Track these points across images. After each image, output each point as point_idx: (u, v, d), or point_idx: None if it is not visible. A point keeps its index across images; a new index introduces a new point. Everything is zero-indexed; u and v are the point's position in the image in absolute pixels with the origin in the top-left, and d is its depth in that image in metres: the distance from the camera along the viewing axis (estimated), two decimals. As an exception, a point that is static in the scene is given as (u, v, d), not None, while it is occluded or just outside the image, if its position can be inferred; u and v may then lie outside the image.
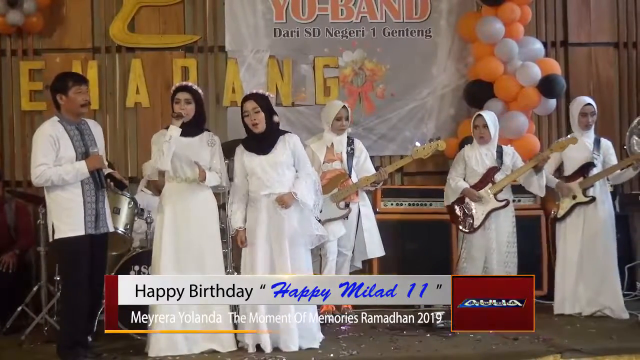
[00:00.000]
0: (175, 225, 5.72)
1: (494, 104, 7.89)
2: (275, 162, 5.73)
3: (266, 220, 5.70)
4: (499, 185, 6.76)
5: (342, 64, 8.31)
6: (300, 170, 5.82)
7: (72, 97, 5.51)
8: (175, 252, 5.68)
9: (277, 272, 5.60)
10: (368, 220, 6.83)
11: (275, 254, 5.65)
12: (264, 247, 5.67)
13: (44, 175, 5.41)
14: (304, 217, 5.72)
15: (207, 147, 5.84)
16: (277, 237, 5.68)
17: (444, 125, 8.36)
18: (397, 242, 7.33)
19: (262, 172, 5.72)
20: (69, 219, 5.47)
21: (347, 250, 6.78)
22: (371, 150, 7.64)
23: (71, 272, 5.50)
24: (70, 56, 8.06)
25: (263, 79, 8.21)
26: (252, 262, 5.66)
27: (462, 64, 8.40)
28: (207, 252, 5.74)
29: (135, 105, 8.14)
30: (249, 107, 5.75)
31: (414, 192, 7.67)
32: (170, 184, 5.82)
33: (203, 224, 5.77)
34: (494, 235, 6.74)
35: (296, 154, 5.82)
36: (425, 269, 7.14)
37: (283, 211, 5.65)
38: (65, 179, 5.44)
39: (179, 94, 5.81)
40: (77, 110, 5.54)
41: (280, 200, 5.65)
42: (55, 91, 5.56)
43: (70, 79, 5.58)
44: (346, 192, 6.67)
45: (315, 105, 8.17)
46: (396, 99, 8.34)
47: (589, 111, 6.89)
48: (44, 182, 5.44)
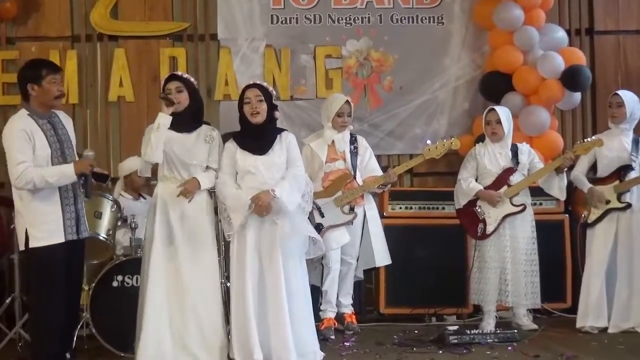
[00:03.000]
0: (168, 230, 5.70)
1: (513, 97, 7.89)
2: (271, 164, 5.70)
3: (257, 225, 5.66)
4: (516, 187, 6.72)
5: (345, 53, 8.31)
6: (288, 169, 5.76)
7: (46, 87, 5.37)
8: (166, 260, 5.66)
9: (267, 284, 5.57)
10: (375, 225, 6.81)
11: (265, 263, 5.62)
12: (253, 257, 5.62)
13: (25, 176, 5.23)
14: (294, 220, 5.69)
15: (204, 144, 5.79)
16: (268, 245, 5.64)
17: (457, 121, 8.36)
18: (405, 249, 7.28)
19: (256, 174, 5.68)
20: (45, 225, 5.33)
21: (352, 258, 6.77)
22: (377, 148, 7.64)
23: (47, 285, 5.33)
24: (47, 45, 8.05)
25: (259, 70, 8.22)
26: (241, 272, 5.62)
27: (477, 54, 8.40)
28: (201, 261, 5.72)
29: (119, 99, 8.13)
30: (251, 94, 5.72)
31: (425, 195, 7.61)
32: (165, 184, 5.77)
33: (197, 230, 5.75)
34: (508, 242, 6.70)
35: (289, 152, 5.79)
36: (437, 279, 7.23)
37: (275, 216, 5.61)
38: (50, 182, 5.29)
39: (169, 84, 5.78)
40: (50, 102, 5.42)
41: (255, 199, 5.58)
42: (25, 80, 5.39)
43: (44, 66, 5.44)
44: (351, 194, 6.65)
45: (316, 99, 8.17)
46: (405, 93, 8.34)
47: (615, 102, 6.85)
48: (24, 183, 5.25)
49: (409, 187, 8.26)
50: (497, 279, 6.70)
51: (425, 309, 7.27)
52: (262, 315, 5.57)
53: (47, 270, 5.34)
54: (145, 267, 5.71)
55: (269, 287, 5.58)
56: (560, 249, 7.47)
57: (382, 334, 6.74)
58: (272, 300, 5.56)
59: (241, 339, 5.56)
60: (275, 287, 5.56)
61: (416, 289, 7.28)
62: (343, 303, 6.82)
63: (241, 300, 5.56)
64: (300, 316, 5.63)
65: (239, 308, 5.58)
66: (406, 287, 7.28)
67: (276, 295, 5.55)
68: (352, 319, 6.83)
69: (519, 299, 6.70)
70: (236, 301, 5.60)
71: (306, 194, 5.80)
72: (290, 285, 5.61)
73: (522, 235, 6.72)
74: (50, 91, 5.38)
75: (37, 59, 5.83)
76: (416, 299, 7.26)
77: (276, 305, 5.54)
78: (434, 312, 7.29)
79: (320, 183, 6.65)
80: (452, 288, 7.14)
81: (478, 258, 6.76)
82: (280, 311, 5.52)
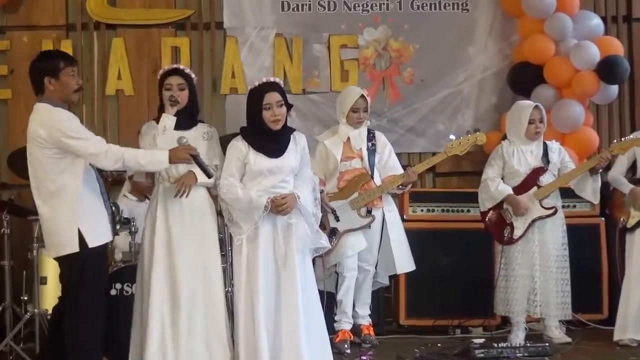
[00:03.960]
0: (168, 236, 5.69)
1: (544, 91, 7.89)
2: (285, 167, 5.68)
3: (270, 231, 5.64)
4: (547, 189, 6.71)
5: (362, 43, 8.32)
6: (302, 171, 5.76)
7: (65, 80, 5.33)
8: (167, 268, 5.66)
9: (281, 293, 5.52)
10: (395, 229, 6.79)
11: (280, 269, 5.58)
12: (266, 263, 5.58)
13: (113, 152, 5.24)
14: (312, 227, 5.67)
15: (203, 141, 5.81)
16: (284, 250, 5.60)
17: (484, 115, 8.38)
18: (427, 255, 7.26)
19: (269, 177, 5.66)
20: (98, 224, 5.37)
21: (369, 265, 6.75)
22: (397, 145, 7.61)
23: (102, 285, 5.42)
24: (39, 35, 8.09)
25: (268, 61, 8.24)
26: (252, 280, 5.58)
27: (505, 44, 8.41)
28: (205, 269, 5.72)
29: (117, 92, 8.16)
30: (272, 99, 5.61)
31: (448, 196, 7.64)
32: (162, 185, 5.78)
33: (200, 235, 5.75)
34: (537, 248, 6.69)
35: (303, 154, 5.77)
36: (463, 287, 7.24)
37: (291, 220, 5.61)
38: (141, 164, 5.36)
39: (170, 79, 5.78)
40: (69, 96, 5.40)
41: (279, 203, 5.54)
42: (42, 73, 5.33)
43: (61, 58, 5.42)
44: (368, 196, 6.64)
45: (330, 92, 8.19)
46: (427, 86, 8.35)
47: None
48: (114, 161, 5.25)
49: (430, 188, 8.27)
50: (526, 287, 6.69)
51: (449, 320, 7.27)
52: (275, 326, 5.52)
53: (102, 270, 5.45)
54: (144, 276, 5.71)
55: (284, 295, 5.54)
56: (595, 256, 7.46)
57: (402, 347, 6.74)
58: (286, 311, 5.52)
59: (249, 354, 5.54)
60: (291, 296, 5.53)
61: (439, 298, 7.29)
62: (360, 314, 6.80)
63: (250, 310, 5.53)
64: (314, 327, 5.60)
65: (247, 318, 5.55)
66: (428, 297, 7.30)
67: (292, 305, 5.51)
68: (369, 331, 6.81)
69: (548, 309, 6.69)
70: (245, 311, 5.55)
71: (317, 199, 5.78)
72: (312, 290, 5.63)
73: (553, 240, 6.72)
74: (70, 84, 5.36)
75: (51, 51, 6.00)
76: (439, 310, 7.28)
77: (291, 316, 5.50)
78: (458, 323, 7.29)
79: (335, 184, 6.66)
80: (478, 297, 7.08)
81: (505, 265, 6.75)
82: (296, 324, 5.48)
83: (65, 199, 5.26)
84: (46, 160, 5.21)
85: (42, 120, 5.22)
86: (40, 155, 5.21)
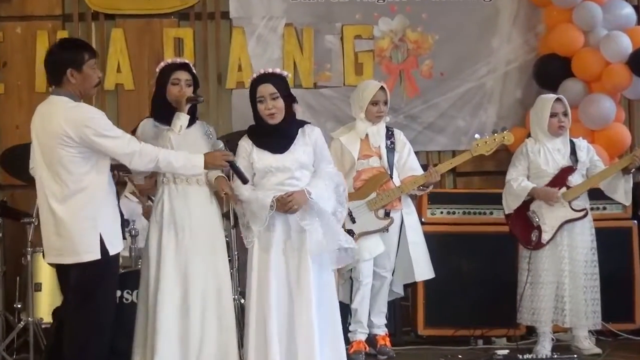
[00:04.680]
0: (177, 241, 5.70)
1: (572, 84, 7.89)
2: (293, 162, 5.68)
3: (282, 235, 5.64)
4: (577, 190, 6.70)
5: (377, 34, 8.32)
6: (318, 167, 5.77)
7: (88, 73, 5.30)
8: (177, 275, 5.66)
9: (295, 302, 5.52)
10: (414, 233, 6.79)
11: (292, 276, 5.59)
12: (278, 268, 5.59)
13: (147, 152, 5.22)
14: (329, 228, 5.66)
15: (205, 140, 5.82)
16: (297, 256, 5.60)
17: (507, 111, 8.39)
18: (447, 260, 7.26)
19: (276, 174, 5.67)
20: (116, 231, 5.34)
21: (386, 271, 6.75)
22: (415, 143, 7.60)
23: (109, 306, 5.34)
24: (34, 25, 8.11)
25: (277, 53, 8.25)
26: (263, 286, 5.59)
27: (531, 34, 8.41)
28: (217, 276, 5.73)
29: (116, 87, 8.17)
30: (265, 91, 5.70)
31: (470, 197, 7.64)
32: (167, 186, 5.77)
33: (210, 240, 5.76)
34: (566, 253, 6.68)
35: (317, 150, 5.78)
36: (485, 294, 7.24)
37: (304, 222, 5.60)
38: (174, 167, 5.32)
39: (179, 73, 5.79)
40: (89, 90, 5.39)
41: (285, 201, 5.54)
42: (65, 64, 5.28)
43: (85, 49, 5.39)
44: (387, 197, 6.63)
45: (343, 86, 8.20)
46: (447, 79, 8.36)
47: None
48: (147, 161, 5.22)
49: (451, 188, 8.28)
50: (553, 295, 6.69)
51: (471, 330, 7.27)
52: (288, 336, 5.53)
53: (116, 281, 5.45)
54: (151, 282, 5.69)
55: (297, 304, 5.55)
56: (627, 261, 7.45)
57: (421, 359, 6.73)
58: (300, 320, 5.52)
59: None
60: (305, 305, 5.53)
61: (460, 306, 7.28)
62: (375, 323, 6.80)
63: (262, 319, 5.54)
64: (330, 337, 5.62)
65: (259, 327, 5.55)
66: (448, 305, 7.29)
67: (306, 313, 5.51)
68: (385, 342, 6.81)
69: (578, 318, 6.67)
70: (256, 320, 5.57)
71: (341, 196, 5.77)
72: (329, 300, 5.63)
73: (582, 244, 6.71)
74: (92, 78, 5.34)
75: (73, 39, 5.94)
76: (460, 319, 7.26)
77: (305, 326, 5.50)
78: (481, 333, 7.29)
79: (351, 183, 6.63)
80: (501, 306, 7.09)
81: (531, 271, 6.72)
82: (310, 334, 5.49)
83: (88, 201, 5.19)
84: (70, 160, 5.12)
85: (68, 117, 5.12)
86: (64, 153, 5.11)
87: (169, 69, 5.82)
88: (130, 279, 6.18)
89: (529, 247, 6.73)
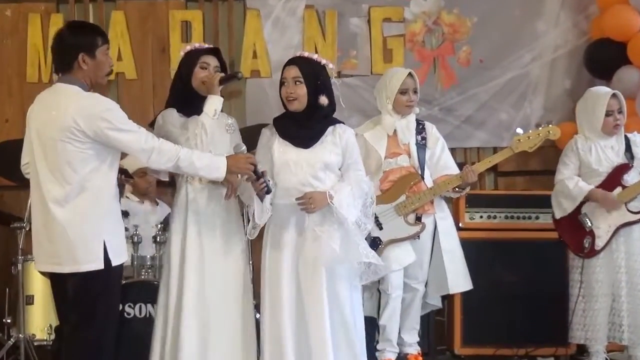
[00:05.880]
0: (201, 250, 5.71)
1: (628, 73, 7.86)
2: (316, 162, 5.70)
3: (294, 242, 5.68)
4: (634, 190, 6.69)
5: (409, 16, 8.33)
6: (346, 172, 5.79)
7: (101, 60, 5.31)
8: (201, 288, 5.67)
9: (307, 318, 5.57)
10: (449, 240, 6.75)
11: (305, 291, 5.62)
12: (290, 282, 5.63)
13: (166, 149, 5.21)
14: (349, 238, 5.66)
15: (226, 134, 5.84)
16: (310, 266, 5.63)
17: (555, 103, 8.39)
18: (487, 271, 7.26)
19: (295, 172, 5.69)
20: (120, 240, 5.34)
21: (418, 283, 6.71)
22: (451, 139, 7.62)
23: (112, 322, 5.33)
24: (25, 7, 8.14)
25: (297, 38, 8.28)
26: (275, 300, 5.65)
27: (581, 17, 8.41)
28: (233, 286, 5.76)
29: (117, 76, 8.18)
30: (288, 73, 5.76)
31: (513, 200, 7.61)
32: (190, 186, 5.78)
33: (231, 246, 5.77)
34: (623, 262, 6.68)
35: (347, 153, 5.80)
36: (531, 309, 7.25)
37: (320, 229, 5.62)
38: (196, 167, 5.28)
39: (208, 58, 5.79)
40: (101, 78, 5.37)
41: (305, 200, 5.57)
42: (77, 49, 5.27)
43: (98, 34, 5.39)
44: (418, 200, 6.59)
45: (370, 75, 8.23)
46: (487, 67, 8.37)
47: None
48: (166, 159, 5.20)
49: (491, 190, 8.29)
50: (609, 309, 6.69)
51: (514, 349, 7.27)
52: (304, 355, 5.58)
53: (119, 294, 5.44)
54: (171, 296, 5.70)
55: (310, 320, 5.58)
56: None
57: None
58: (314, 337, 5.56)
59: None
60: (316, 321, 5.56)
61: (501, 322, 7.27)
62: (406, 341, 6.77)
63: (277, 336, 5.58)
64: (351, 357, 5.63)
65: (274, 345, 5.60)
66: (488, 321, 7.28)
67: (317, 331, 5.55)
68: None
69: (637, 336, 6.66)
70: (270, 336, 5.62)
71: (368, 206, 5.79)
72: (341, 317, 5.62)
73: (639, 251, 6.71)
74: (104, 65, 5.35)
75: (82, 22, 5.96)
76: (501, 336, 7.26)
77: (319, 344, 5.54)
78: (525, 352, 7.28)
79: (377, 185, 6.58)
80: (548, 321, 7.14)
81: (583, 283, 6.73)
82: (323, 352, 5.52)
83: (92, 204, 5.16)
84: (77, 156, 5.09)
85: (81, 107, 5.09)
86: (71, 149, 5.07)
87: (197, 53, 5.82)
88: (133, 290, 6.21)
89: (581, 255, 6.74)
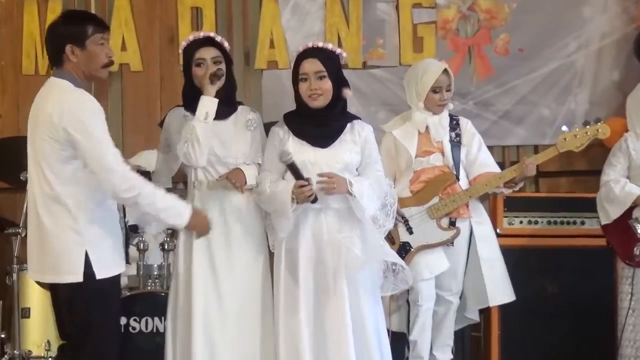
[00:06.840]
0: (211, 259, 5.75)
1: (683, 63, 7.78)
2: (335, 161, 5.73)
3: (312, 247, 5.71)
4: (686, 192, 6.71)
5: (441, 2, 8.33)
6: (367, 171, 5.83)
7: (92, 50, 5.28)
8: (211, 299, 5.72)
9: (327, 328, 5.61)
10: (487, 247, 6.71)
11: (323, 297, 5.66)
12: (307, 290, 5.68)
13: (131, 179, 5.13)
14: (369, 238, 5.72)
15: (246, 132, 5.87)
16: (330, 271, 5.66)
17: (602, 97, 8.35)
18: (528, 281, 7.24)
19: (312, 173, 5.68)
20: (110, 250, 5.29)
21: (452, 294, 6.68)
22: (488, 136, 7.54)
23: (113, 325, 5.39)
24: (20, -7, 8.18)
25: (318, 26, 8.27)
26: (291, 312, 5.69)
27: (631, 1, 8.36)
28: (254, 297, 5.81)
29: (121, 67, 8.19)
30: (309, 68, 5.73)
31: (556, 203, 7.60)
32: (198, 192, 5.83)
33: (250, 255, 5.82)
34: (677, 270, 6.71)
35: (366, 151, 5.84)
36: (576, 323, 7.25)
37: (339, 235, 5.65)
38: (157, 209, 5.22)
39: (201, 52, 5.79)
40: (95, 72, 5.36)
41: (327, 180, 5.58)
42: (64, 39, 5.28)
43: (90, 21, 5.38)
44: (452, 202, 6.56)
45: (399, 66, 8.20)
46: (527, 57, 8.34)
47: None
48: (128, 187, 5.11)
49: (533, 192, 8.21)
50: (661, 323, 6.70)
51: (557, 368, 7.25)
52: None
53: (112, 307, 5.39)
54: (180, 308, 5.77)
55: (330, 332, 5.62)
56: None
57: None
58: (334, 352, 5.59)
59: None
60: (338, 333, 5.59)
61: (543, 338, 7.25)
62: (439, 358, 6.76)
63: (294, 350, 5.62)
64: None
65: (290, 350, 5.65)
66: (529, 336, 7.27)
67: (339, 344, 5.58)
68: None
69: (694, 353, 6.67)
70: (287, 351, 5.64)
71: (388, 206, 5.81)
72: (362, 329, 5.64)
73: (695, 259, 6.72)
74: (98, 56, 5.32)
75: (77, 11, 5.94)
76: (544, 353, 7.27)
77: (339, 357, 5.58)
78: (570, 371, 7.26)
79: (407, 186, 6.60)
80: (595, 337, 7.15)
81: (635, 295, 6.71)
82: None
83: (72, 210, 5.17)
84: (53, 156, 5.11)
85: (60, 103, 5.11)
86: (48, 148, 5.10)
87: (191, 48, 5.84)
88: (139, 302, 6.26)
89: (631, 264, 6.70)
